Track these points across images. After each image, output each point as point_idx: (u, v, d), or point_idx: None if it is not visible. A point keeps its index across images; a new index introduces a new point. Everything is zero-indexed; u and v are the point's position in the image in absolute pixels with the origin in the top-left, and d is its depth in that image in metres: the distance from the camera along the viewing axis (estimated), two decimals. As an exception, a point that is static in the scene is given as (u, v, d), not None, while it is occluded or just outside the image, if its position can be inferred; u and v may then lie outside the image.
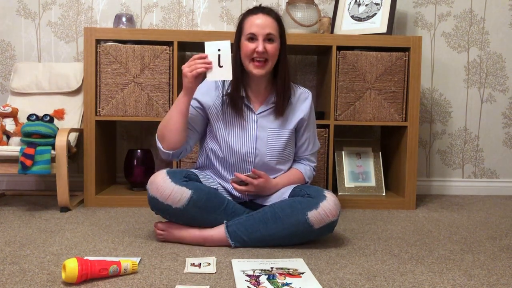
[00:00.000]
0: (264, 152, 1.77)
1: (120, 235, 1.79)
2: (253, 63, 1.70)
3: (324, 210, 1.60)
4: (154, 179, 1.64)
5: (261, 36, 1.67)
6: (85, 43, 2.30)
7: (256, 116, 1.78)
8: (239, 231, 1.63)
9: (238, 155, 1.76)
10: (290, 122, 1.81)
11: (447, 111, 2.90)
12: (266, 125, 1.78)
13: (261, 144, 1.77)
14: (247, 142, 1.76)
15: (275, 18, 1.72)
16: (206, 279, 1.33)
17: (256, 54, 1.68)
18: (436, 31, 2.86)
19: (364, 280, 1.36)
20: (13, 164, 2.14)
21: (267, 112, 1.79)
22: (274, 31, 1.69)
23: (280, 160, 1.80)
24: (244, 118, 1.77)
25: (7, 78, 2.72)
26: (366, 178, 2.59)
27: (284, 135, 1.79)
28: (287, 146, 1.81)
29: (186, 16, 2.76)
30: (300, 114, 1.82)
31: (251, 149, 1.76)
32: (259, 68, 1.69)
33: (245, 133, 1.77)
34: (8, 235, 1.76)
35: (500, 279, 1.40)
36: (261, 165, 1.77)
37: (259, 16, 1.69)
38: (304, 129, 1.85)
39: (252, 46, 1.68)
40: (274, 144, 1.78)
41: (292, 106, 1.82)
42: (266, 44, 1.68)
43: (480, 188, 2.93)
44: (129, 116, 2.33)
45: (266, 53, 1.68)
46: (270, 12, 1.72)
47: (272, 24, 1.69)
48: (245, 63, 1.72)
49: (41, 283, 1.28)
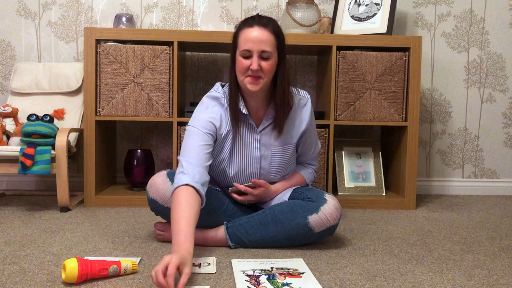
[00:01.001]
0: (269, 170, 1.73)
1: (120, 235, 1.79)
2: (248, 79, 1.58)
3: (325, 214, 1.59)
4: (154, 181, 1.63)
5: (256, 52, 1.55)
6: (85, 43, 2.30)
7: (258, 135, 1.70)
8: (239, 233, 1.63)
9: (243, 176, 1.72)
10: (293, 136, 1.74)
11: (447, 111, 2.90)
12: (269, 142, 1.71)
13: (265, 163, 1.72)
14: (252, 162, 1.71)
15: (272, 32, 1.58)
16: (206, 279, 1.33)
17: (251, 72, 1.57)
18: (436, 31, 2.86)
19: (364, 280, 1.36)
20: (13, 164, 2.14)
21: (268, 128, 1.71)
22: (270, 47, 1.56)
23: (284, 175, 1.79)
24: (246, 137, 1.70)
25: (7, 78, 2.72)
26: (366, 178, 2.59)
27: (288, 151, 1.74)
28: (291, 160, 1.78)
29: (186, 16, 2.76)
30: (302, 125, 1.75)
31: (255, 170, 1.72)
32: (253, 84, 1.58)
33: (249, 153, 1.70)
34: (8, 235, 1.76)
35: (500, 279, 1.40)
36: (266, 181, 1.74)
37: (255, 29, 1.56)
38: (306, 137, 1.80)
39: (246, 63, 1.57)
40: (279, 161, 1.73)
41: (292, 118, 1.73)
42: (261, 61, 1.56)
43: (480, 188, 2.93)
44: (129, 116, 2.33)
45: (260, 71, 1.57)
46: (267, 24, 1.58)
47: (269, 39, 1.56)
48: (239, 79, 1.61)
49: (41, 283, 1.28)
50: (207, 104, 1.68)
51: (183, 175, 1.48)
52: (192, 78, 2.79)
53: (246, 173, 1.72)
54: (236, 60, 1.61)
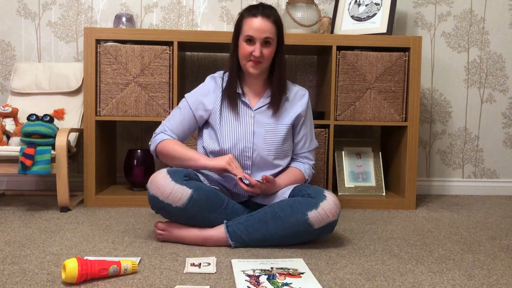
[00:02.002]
0: (262, 147, 1.79)
1: (120, 235, 1.79)
2: (250, 63, 1.75)
3: (324, 210, 1.60)
4: (155, 178, 1.64)
5: (259, 40, 1.72)
6: (85, 43, 2.30)
7: (253, 112, 1.81)
8: (239, 231, 1.63)
9: (236, 150, 1.78)
10: (287, 117, 1.84)
11: (447, 111, 2.90)
12: (263, 120, 1.81)
13: (258, 139, 1.79)
14: (244, 137, 1.79)
15: (274, 21, 1.74)
16: (206, 279, 1.33)
17: (253, 57, 1.73)
18: (436, 31, 2.86)
19: (364, 280, 1.36)
20: (13, 164, 2.14)
21: (264, 107, 1.83)
22: (272, 35, 1.74)
23: (278, 155, 1.82)
24: (240, 114, 1.81)
25: (7, 78, 2.72)
26: (366, 178, 2.59)
27: (281, 130, 1.82)
28: (285, 142, 1.83)
29: (186, 16, 2.76)
30: (297, 110, 1.86)
31: (248, 144, 1.78)
32: (254, 68, 1.75)
33: (242, 128, 1.79)
34: (8, 235, 1.76)
35: (500, 279, 1.40)
36: (259, 160, 1.79)
37: (259, 19, 1.72)
38: (301, 125, 1.88)
39: (249, 49, 1.73)
40: (272, 139, 1.80)
41: (289, 103, 1.86)
42: (263, 48, 1.73)
43: (480, 188, 2.93)
44: (129, 116, 2.33)
45: (262, 57, 1.73)
46: (270, 14, 1.74)
47: (271, 28, 1.73)
48: (242, 62, 1.78)
49: (41, 283, 1.28)
50: (205, 82, 1.89)
51: (164, 135, 1.82)
52: (192, 78, 2.79)
53: (239, 146, 1.78)
54: (239, 45, 1.77)
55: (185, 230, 1.68)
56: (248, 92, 1.85)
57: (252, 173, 1.80)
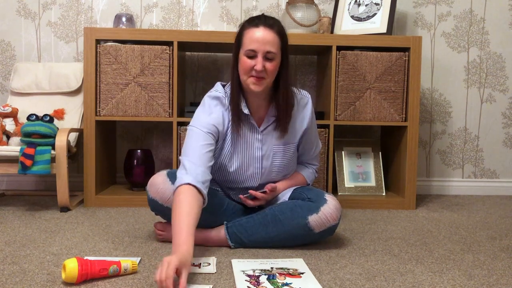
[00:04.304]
0: (270, 170, 1.73)
1: (120, 235, 1.79)
2: (251, 79, 1.58)
3: (325, 214, 1.59)
4: (154, 181, 1.63)
5: (261, 53, 1.55)
6: (85, 43, 2.30)
7: (260, 135, 1.70)
8: (239, 233, 1.63)
9: (243, 176, 1.72)
10: (295, 135, 1.74)
11: (447, 111, 2.90)
12: (271, 141, 1.71)
13: (267, 163, 1.71)
14: (253, 162, 1.70)
15: (277, 32, 1.58)
16: (206, 279, 1.33)
17: (255, 72, 1.57)
18: (436, 31, 2.86)
19: (364, 280, 1.36)
20: (13, 164, 2.14)
21: (270, 128, 1.70)
22: (275, 48, 1.56)
23: (285, 174, 1.79)
24: (247, 136, 1.69)
25: (7, 78, 2.72)
26: (366, 178, 2.59)
27: (289, 150, 1.74)
28: (293, 159, 1.78)
29: (186, 16, 2.76)
30: (303, 124, 1.75)
31: (256, 170, 1.71)
32: (256, 85, 1.58)
33: (249, 153, 1.70)
34: (8, 235, 1.76)
35: (500, 279, 1.40)
36: (266, 179, 1.74)
37: (261, 29, 1.55)
38: (307, 136, 1.80)
39: (250, 63, 1.56)
40: (280, 161, 1.73)
41: (294, 117, 1.72)
42: (265, 62, 1.56)
43: (480, 188, 2.93)
44: (129, 116, 2.33)
45: (264, 71, 1.57)
46: (273, 25, 1.58)
47: (273, 40, 1.56)
48: (242, 78, 1.60)
49: (41, 283, 1.28)
50: (209, 104, 1.67)
51: (185, 174, 1.47)
52: (192, 78, 2.79)
53: (247, 173, 1.71)
54: (239, 59, 1.60)
55: (185, 230, 1.67)
56: (250, 111, 1.68)
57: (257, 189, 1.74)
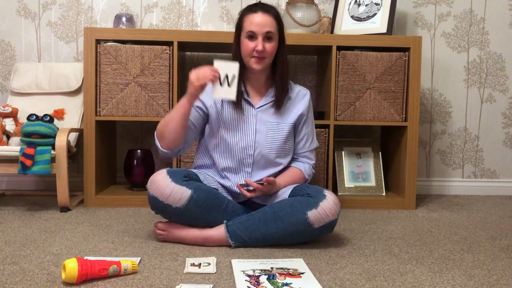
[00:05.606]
0: (263, 145, 1.79)
1: (120, 235, 1.79)
2: (253, 59, 1.75)
3: (324, 210, 1.60)
4: (155, 178, 1.64)
5: (261, 35, 1.72)
6: (85, 43, 2.30)
7: (255, 111, 1.82)
8: (239, 231, 1.64)
9: (237, 148, 1.78)
10: (290, 116, 1.84)
11: (447, 111, 2.90)
12: (266, 118, 1.82)
13: (261, 137, 1.79)
14: (246, 135, 1.79)
15: (274, 16, 1.77)
16: (206, 279, 1.33)
17: (256, 53, 1.73)
18: (436, 31, 2.86)
19: (364, 280, 1.36)
20: (13, 164, 2.14)
21: (266, 106, 1.83)
22: (273, 29, 1.75)
23: (279, 153, 1.82)
24: (243, 112, 1.80)
25: (7, 78, 2.72)
26: (366, 178, 2.59)
27: (283, 129, 1.82)
28: (287, 140, 1.83)
29: (186, 16, 2.76)
30: (299, 109, 1.86)
31: (250, 142, 1.78)
32: (258, 63, 1.75)
33: (244, 126, 1.80)
34: (8, 235, 1.76)
35: (500, 279, 1.40)
36: (260, 158, 1.79)
37: (259, 14, 1.74)
38: (302, 125, 1.88)
39: (252, 45, 1.73)
40: (274, 137, 1.80)
41: (291, 102, 1.86)
42: (265, 43, 1.73)
43: (480, 188, 2.93)
44: (129, 116, 2.33)
45: (264, 51, 1.73)
46: (270, 10, 1.77)
47: (271, 23, 1.75)
48: (245, 60, 1.77)
49: (41, 283, 1.28)
50: None
51: None
52: (192, 78, 2.78)
53: (240, 144, 1.78)
54: (241, 42, 1.77)
55: (185, 230, 1.68)
56: (250, 91, 1.85)
57: (252, 171, 1.80)
